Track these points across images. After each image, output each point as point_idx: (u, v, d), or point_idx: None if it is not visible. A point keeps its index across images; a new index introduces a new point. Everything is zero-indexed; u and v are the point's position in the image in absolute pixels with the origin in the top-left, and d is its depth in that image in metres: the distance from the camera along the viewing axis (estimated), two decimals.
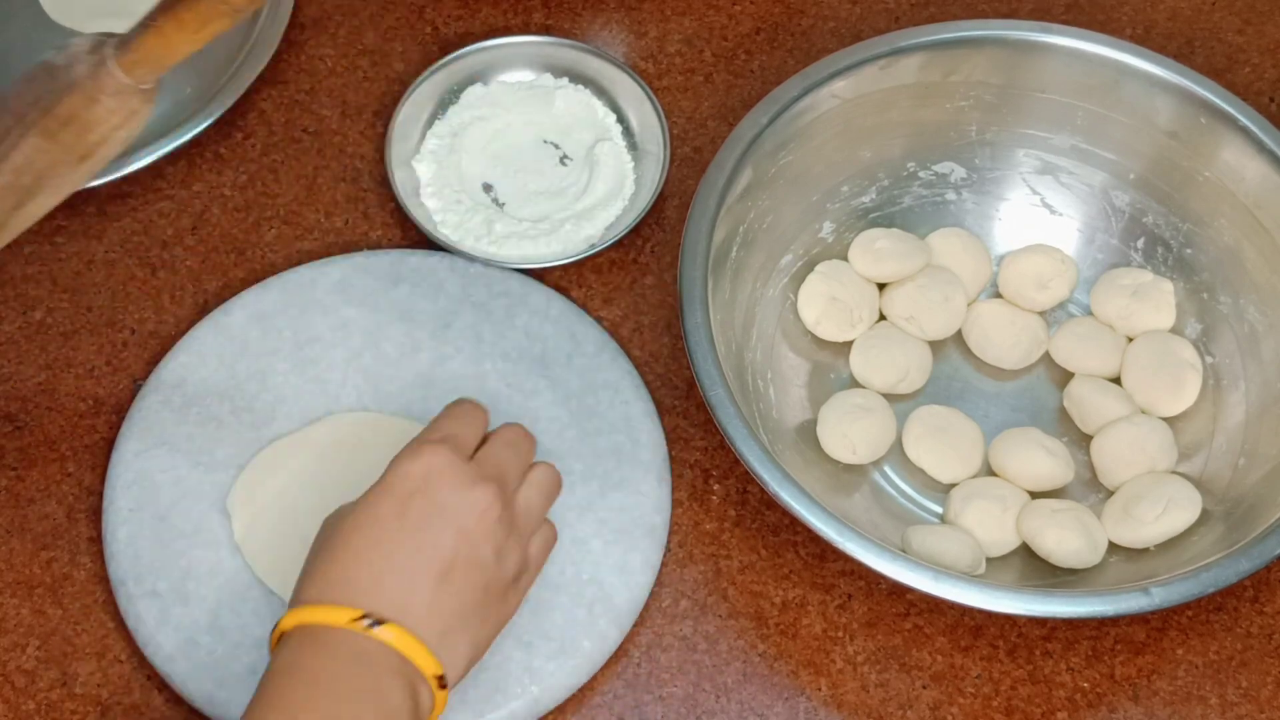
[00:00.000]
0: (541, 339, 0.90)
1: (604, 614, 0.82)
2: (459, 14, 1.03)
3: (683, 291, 0.83)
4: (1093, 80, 0.92)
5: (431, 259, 0.92)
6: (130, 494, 0.84)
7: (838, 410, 0.88)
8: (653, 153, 0.96)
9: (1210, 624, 0.84)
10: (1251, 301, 0.89)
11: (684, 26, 1.03)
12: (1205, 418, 0.89)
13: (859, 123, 0.92)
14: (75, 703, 0.81)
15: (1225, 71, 1.02)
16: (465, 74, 0.99)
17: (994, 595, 0.77)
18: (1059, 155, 0.94)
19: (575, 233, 0.94)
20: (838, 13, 1.04)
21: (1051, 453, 0.87)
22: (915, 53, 0.91)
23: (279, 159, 0.98)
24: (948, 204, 0.96)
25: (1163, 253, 0.93)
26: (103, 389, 0.90)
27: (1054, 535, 0.83)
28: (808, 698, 0.82)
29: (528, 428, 0.77)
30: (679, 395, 0.90)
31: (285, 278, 0.91)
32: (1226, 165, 0.90)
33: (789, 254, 0.93)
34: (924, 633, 0.84)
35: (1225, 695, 0.83)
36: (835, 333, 0.91)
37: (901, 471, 0.89)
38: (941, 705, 0.82)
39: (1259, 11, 1.05)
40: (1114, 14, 1.05)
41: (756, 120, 0.88)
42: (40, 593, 0.84)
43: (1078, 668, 0.83)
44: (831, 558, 0.85)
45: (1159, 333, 0.91)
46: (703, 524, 0.86)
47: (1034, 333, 0.92)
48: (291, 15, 1.01)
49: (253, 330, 0.89)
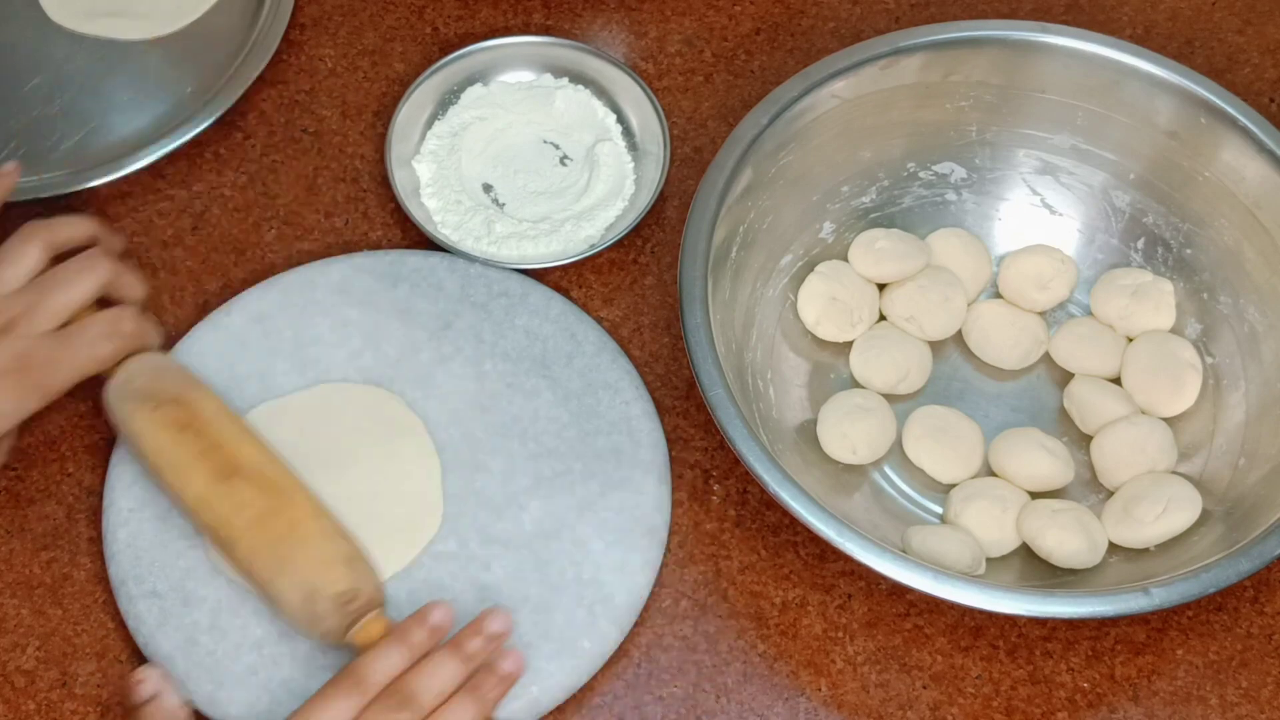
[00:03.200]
0: (541, 339, 0.90)
1: (604, 614, 0.82)
2: (459, 14, 1.03)
3: (683, 291, 0.83)
4: (1093, 80, 0.92)
5: (431, 259, 0.92)
6: (130, 494, 0.84)
7: (838, 410, 0.88)
8: (653, 153, 0.96)
9: (1210, 624, 0.84)
10: (1251, 301, 0.89)
11: (684, 26, 1.03)
12: (1205, 418, 0.89)
13: (859, 123, 0.92)
14: (75, 703, 0.81)
15: (1225, 71, 1.02)
16: (465, 74, 0.99)
17: (994, 595, 0.77)
18: (1059, 155, 0.94)
19: (575, 233, 0.94)
20: (838, 13, 1.04)
21: (1051, 453, 0.87)
22: (915, 53, 0.91)
23: (279, 159, 0.98)
24: (948, 204, 0.96)
25: (1163, 253, 0.93)
26: (103, 389, 0.90)
27: (1054, 536, 0.83)
28: (808, 698, 0.82)
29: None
30: (679, 395, 0.90)
31: (285, 278, 0.91)
32: (1226, 165, 0.90)
33: (789, 254, 0.93)
34: (924, 633, 0.84)
35: (1225, 695, 0.83)
36: (835, 333, 0.91)
37: (901, 471, 0.89)
38: (941, 705, 0.82)
39: (1259, 11, 1.05)
40: (1114, 14, 1.05)
41: (757, 120, 0.88)
42: (40, 593, 0.84)
43: (1078, 668, 0.83)
44: (831, 558, 0.85)
45: (1159, 333, 0.91)
46: (703, 524, 0.86)
47: (1034, 333, 0.92)
48: (291, 15, 1.01)
49: (253, 330, 0.89)
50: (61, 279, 0.82)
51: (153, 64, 1.01)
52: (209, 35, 1.01)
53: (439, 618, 0.75)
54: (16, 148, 0.97)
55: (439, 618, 0.75)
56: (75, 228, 0.85)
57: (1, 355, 0.79)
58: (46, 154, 0.96)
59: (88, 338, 0.81)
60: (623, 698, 0.82)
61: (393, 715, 0.72)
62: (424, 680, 0.73)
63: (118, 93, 0.99)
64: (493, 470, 0.86)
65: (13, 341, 0.80)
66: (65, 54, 1.01)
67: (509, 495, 0.85)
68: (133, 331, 0.83)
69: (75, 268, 0.82)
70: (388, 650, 0.74)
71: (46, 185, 0.94)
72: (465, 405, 0.88)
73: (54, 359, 0.81)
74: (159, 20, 1.02)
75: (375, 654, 0.74)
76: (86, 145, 0.97)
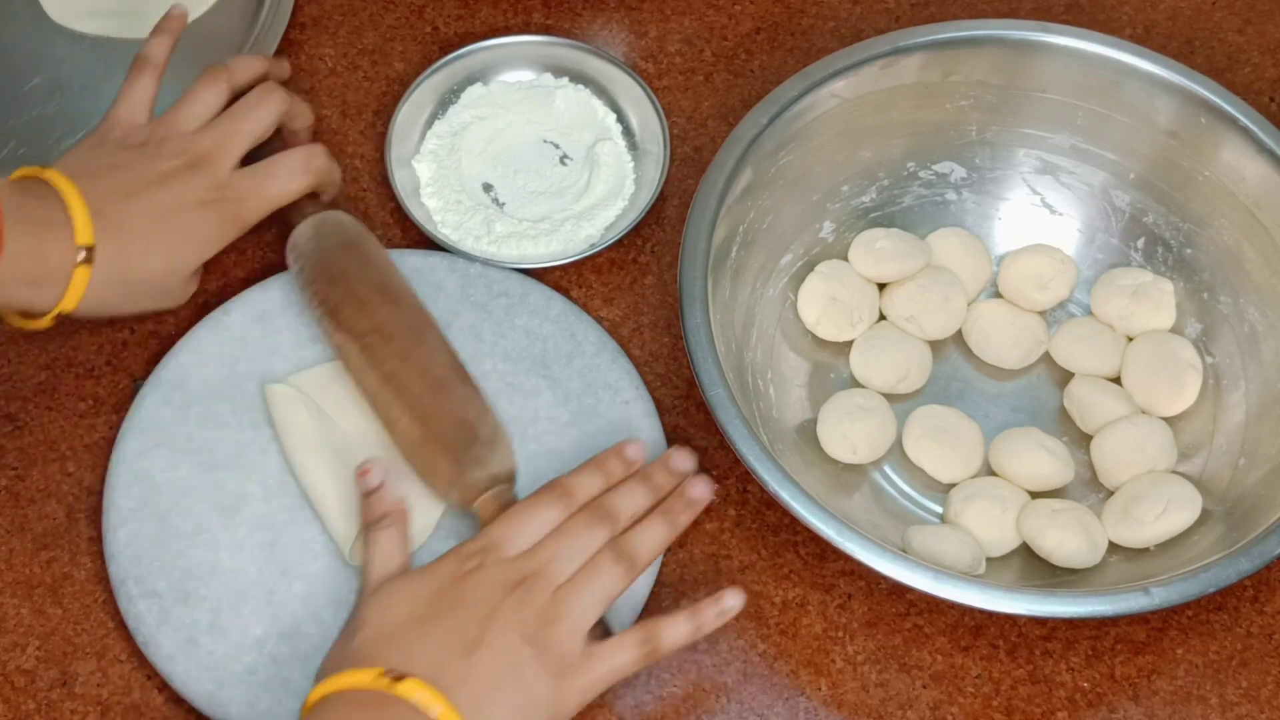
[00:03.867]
0: (541, 339, 0.90)
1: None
2: (459, 14, 1.03)
3: (683, 291, 0.83)
4: (1093, 80, 0.91)
5: (431, 259, 0.92)
6: (130, 494, 0.84)
7: (838, 410, 0.88)
8: (653, 153, 0.96)
9: (1210, 624, 0.84)
10: (1251, 301, 0.89)
11: (684, 26, 1.03)
12: (1205, 418, 0.89)
13: (859, 123, 0.92)
14: (75, 703, 0.81)
15: (1225, 71, 1.02)
16: (465, 74, 0.99)
17: (994, 595, 0.77)
18: (1059, 155, 0.94)
19: (575, 233, 0.94)
20: (838, 13, 1.04)
21: (1051, 453, 0.87)
22: (915, 53, 0.91)
23: None
24: (948, 204, 0.96)
25: (1163, 253, 0.93)
26: (102, 389, 0.90)
27: (1054, 535, 0.83)
28: (808, 698, 0.82)
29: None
30: (679, 395, 0.90)
31: (285, 278, 0.91)
32: (1226, 165, 0.90)
33: (789, 254, 0.93)
34: (924, 633, 0.84)
35: (1225, 695, 0.83)
36: (835, 333, 0.91)
37: (901, 471, 0.89)
38: (941, 705, 0.82)
39: (1259, 11, 1.05)
40: (1114, 14, 1.05)
41: (756, 120, 0.88)
42: (40, 593, 0.84)
43: (1078, 667, 0.83)
44: (831, 558, 0.85)
45: (1159, 333, 0.91)
46: (703, 524, 0.86)
47: (1034, 333, 0.92)
48: (291, 15, 1.01)
49: (253, 330, 0.89)
50: (244, 111, 0.87)
51: None
52: (209, 35, 1.01)
53: (634, 452, 0.80)
54: (16, 147, 0.97)
55: (634, 452, 0.80)
56: (251, 66, 0.91)
57: (200, 186, 0.84)
58: (46, 154, 0.96)
59: (281, 171, 0.87)
60: (623, 698, 0.82)
61: (595, 525, 0.77)
62: (621, 500, 0.78)
63: (117, 93, 0.99)
64: None
65: (212, 173, 0.85)
66: (65, 54, 1.01)
67: None
68: (321, 167, 0.88)
69: (255, 100, 0.88)
70: (589, 472, 0.79)
71: None
72: None
73: (251, 190, 0.86)
74: (159, 20, 1.01)
75: (578, 474, 0.79)
76: None
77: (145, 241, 0.83)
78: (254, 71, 0.90)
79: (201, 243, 0.85)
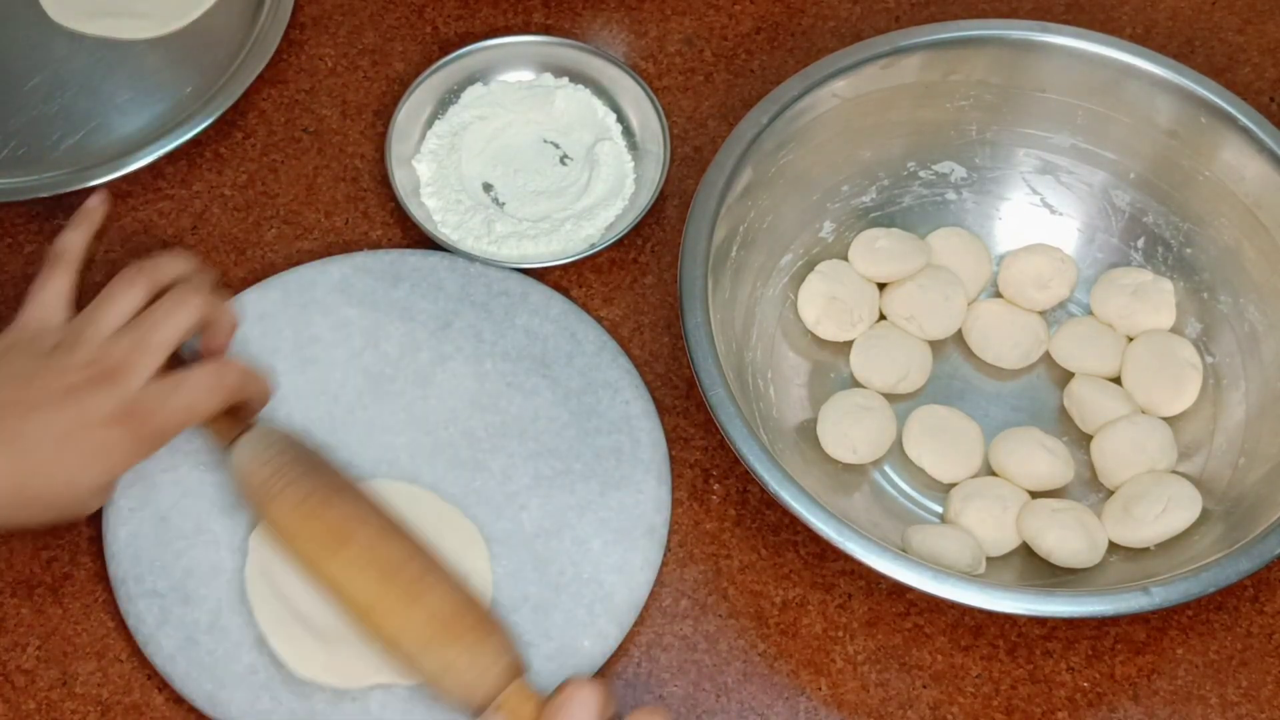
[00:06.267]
0: (541, 338, 0.90)
1: (604, 614, 0.82)
2: (459, 14, 1.03)
3: (683, 291, 0.83)
4: (1093, 80, 0.92)
5: (431, 259, 0.92)
6: (130, 494, 0.84)
7: (838, 410, 0.88)
8: (653, 152, 0.96)
9: (1210, 624, 0.84)
10: (1251, 301, 0.89)
11: (684, 26, 1.03)
12: (1205, 418, 0.89)
13: (859, 122, 0.92)
14: (75, 702, 0.81)
15: (1225, 71, 1.02)
16: (465, 74, 0.99)
17: (994, 595, 0.77)
18: (1059, 155, 0.94)
19: (575, 232, 0.94)
20: (838, 12, 1.04)
21: (1051, 452, 0.87)
22: (915, 52, 0.91)
23: (279, 159, 0.98)
24: (948, 204, 0.96)
25: (1163, 252, 0.93)
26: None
27: (1054, 535, 0.83)
28: (808, 697, 0.82)
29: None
30: (679, 395, 0.90)
31: (285, 278, 0.91)
32: (1226, 165, 0.90)
33: (789, 254, 0.93)
34: (924, 632, 0.84)
35: (1225, 695, 0.83)
36: (835, 332, 0.91)
37: (901, 471, 0.89)
38: (941, 705, 0.82)
39: (1259, 11, 1.05)
40: (1114, 14, 1.05)
41: (756, 120, 0.88)
42: (40, 592, 0.84)
43: (1078, 667, 0.83)
44: (831, 557, 0.85)
45: (1159, 332, 0.91)
46: (703, 524, 0.86)
47: (1034, 332, 0.92)
48: (291, 15, 1.00)
49: (253, 330, 0.89)
50: (158, 319, 0.81)
51: (153, 64, 1.01)
52: (209, 35, 1.01)
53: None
54: (16, 147, 0.97)
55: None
56: (174, 266, 0.85)
57: (108, 403, 0.78)
58: (46, 154, 0.96)
59: (186, 390, 0.81)
60: (623, 697, 0.82)
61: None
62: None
63: (118, 92, 0.99)
64: (492, 469, 0.86)
65: (122, 389, 0.79)
66: (65, 54, 1.01)
67: (509, 494, 0.85)
68: (234, 385, 0.82)
69: (170, 305, 0.82)
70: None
71: (46, 185, 0.94)
72: (465, 404, 0.88)
73: (159, 409, 0.80)
74: (159, 20, 1.02)
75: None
76: (86, 145, 0.97)
77: (44, 460, 0.78)
78: (175, 271, 0.85)
79: (107, 462, 0.80)
